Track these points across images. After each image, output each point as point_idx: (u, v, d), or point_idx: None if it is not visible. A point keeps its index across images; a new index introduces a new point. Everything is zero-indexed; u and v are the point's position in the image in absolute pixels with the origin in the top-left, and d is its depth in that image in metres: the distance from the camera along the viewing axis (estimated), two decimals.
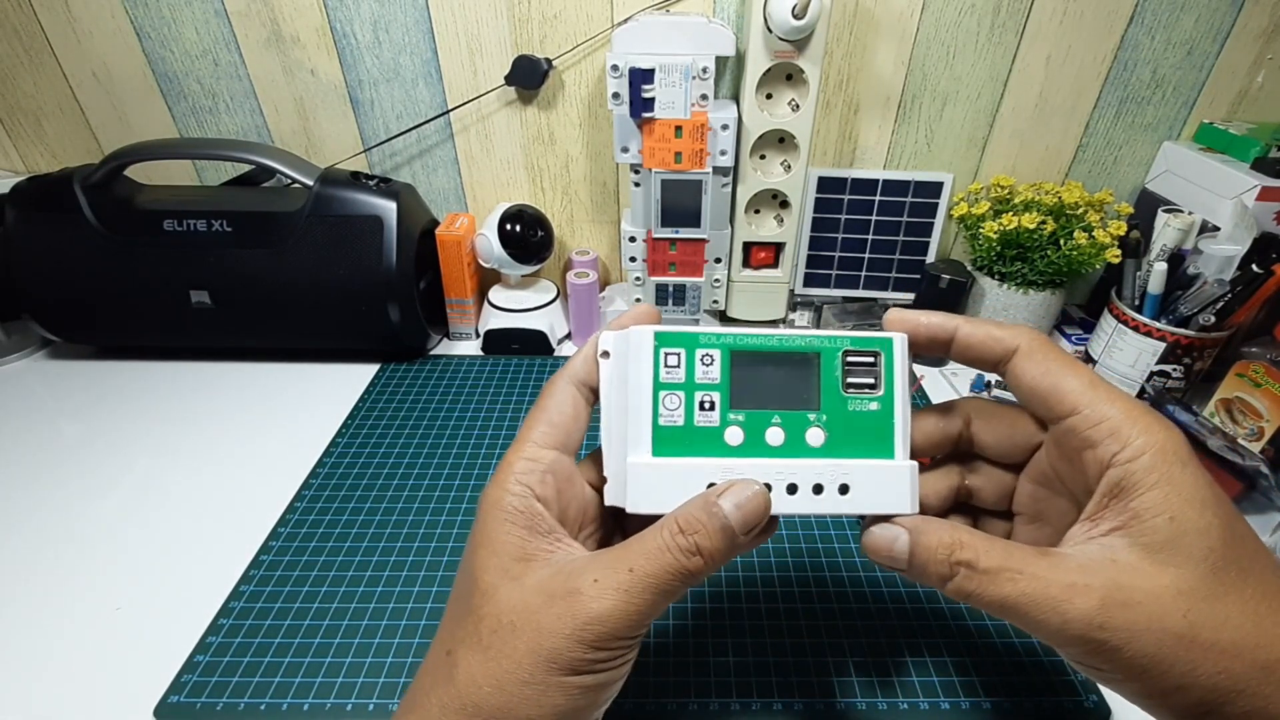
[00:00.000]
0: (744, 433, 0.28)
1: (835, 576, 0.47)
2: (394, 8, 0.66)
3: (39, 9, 0.68)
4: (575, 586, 0.24)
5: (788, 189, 0.67)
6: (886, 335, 0.29)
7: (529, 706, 0.23)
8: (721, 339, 0.29)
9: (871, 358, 0.29)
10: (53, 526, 0.51)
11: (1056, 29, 0.65)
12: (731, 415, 0.28)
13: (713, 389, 0.28)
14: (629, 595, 0.23)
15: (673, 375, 0.28)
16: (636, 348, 0.28)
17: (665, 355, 0.28)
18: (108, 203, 0.64)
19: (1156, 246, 0.62)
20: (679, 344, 0.28)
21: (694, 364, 0.28)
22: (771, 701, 0.39)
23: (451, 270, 0.71)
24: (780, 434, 0.28)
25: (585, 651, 0.23)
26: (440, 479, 0.56)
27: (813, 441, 0.28)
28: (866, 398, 0.29)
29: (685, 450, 0.28)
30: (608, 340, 0.29)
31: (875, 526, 0.27)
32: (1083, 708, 0.39)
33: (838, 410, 0.28)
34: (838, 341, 0.29)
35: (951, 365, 0.72)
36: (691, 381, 0.28)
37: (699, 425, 0.28)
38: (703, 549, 0.24)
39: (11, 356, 0.71)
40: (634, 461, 0.27)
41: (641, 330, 0.28)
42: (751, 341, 0.29)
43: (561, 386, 0.29)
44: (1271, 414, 0.54)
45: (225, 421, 0.62)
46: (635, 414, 0.28)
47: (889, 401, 0.28)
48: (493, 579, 0.25)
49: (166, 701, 0.39)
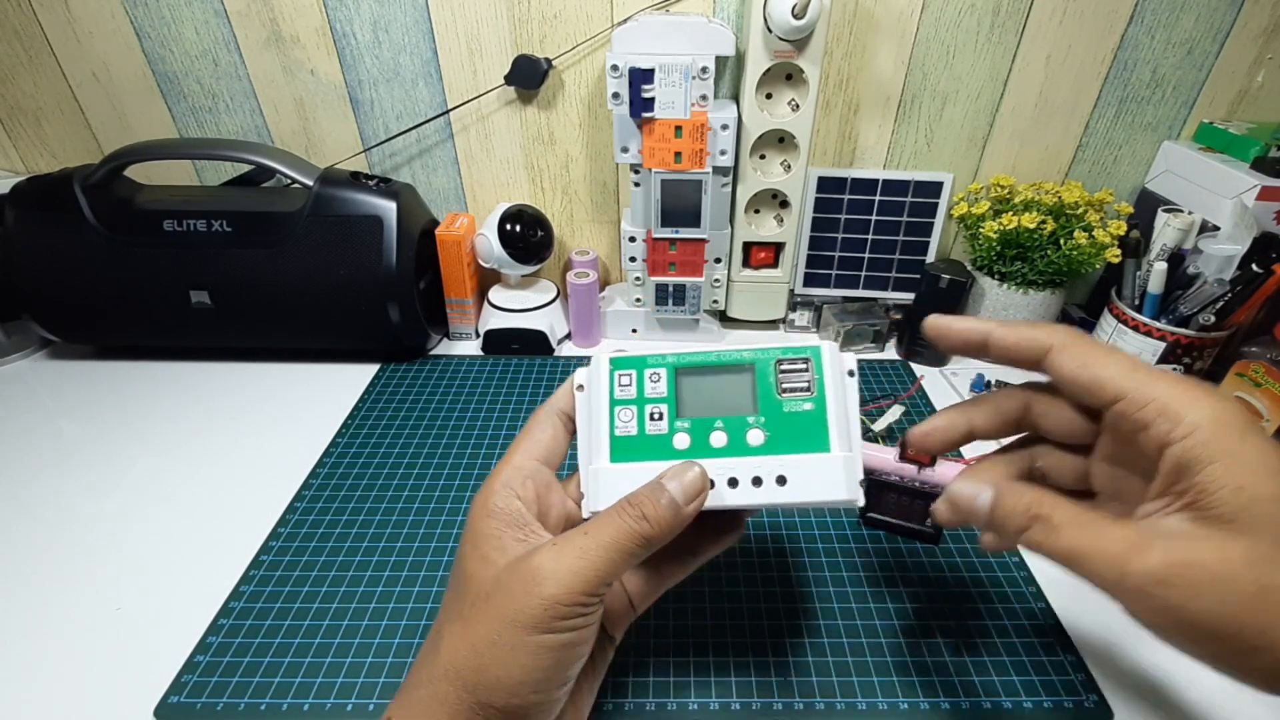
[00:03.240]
0: (690, 437, 0.32)
1: (835, 577, 0.47)
2: (394, 8, 0.66)
3: (39, 9, 0.68)
4: (537, 553, 0.27)
5: (788, 189, 0.67)
6: (815, 344, 0.33)
7: (499, 665, 0.26)
8: (666, 359, 0.33)
9: (803, 365, 0.33)
10: (53, 526, 0.51)
11: (1056, 29, 0.65)
12: (678, 423, 0.32)
13: (660, 402, 0.33)
14: (583, 554, 0.27)
15: (625, 393, 0.33)
16: (596, 373, 0.33)
17: (619, 376, 0.33)
18: (108, 203, 0.64)
19: (1156, 246, 0.62)
20: (630, 366, 0.33)
21: (644, 382, 0.33)
22: (772, 702, 0.39)
23: (451, 270, 0.71)
24: (723, 436, 0.32)
25: (548, 608, 0.26)
26: (440, 479, 0.56)
27: (753, 441, 0.32)
28: (800, 399, 0.32)
29: (639, 456, 0.32)
30: (582, 375, 0.34)
31: (958, 482, 0.28)
32: (1083, 708, 0.39)
33: (775, 413, 0.32)
34: (770, 353, 0.33)
35: (951, 365, 0.72)
36: (642, 397, 0.33)
37: (650, 434, 0.32)
38: (648, 515, 0.28)
39: (11, 356, 0.71)
40: (595, 467, 0.31)
41: (599, 358, 0.33)
42: (694, 359, 0.33)
43: (544, 414, 0.34)
44: (1271, 414, 0.54)
45: (225, 421, 0.62)
46: (596, 428, 0.32)
47: (821, 401, 0.32)
48: (475, 565, 0.28)
49: (166, 701, 0.39)
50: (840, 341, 0.73)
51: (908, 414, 0.64)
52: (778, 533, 0.50)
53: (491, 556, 0.28)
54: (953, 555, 0.49)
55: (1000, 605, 0.45)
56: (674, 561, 0.35)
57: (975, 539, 0.50)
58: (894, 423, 0.61)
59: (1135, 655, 0.43)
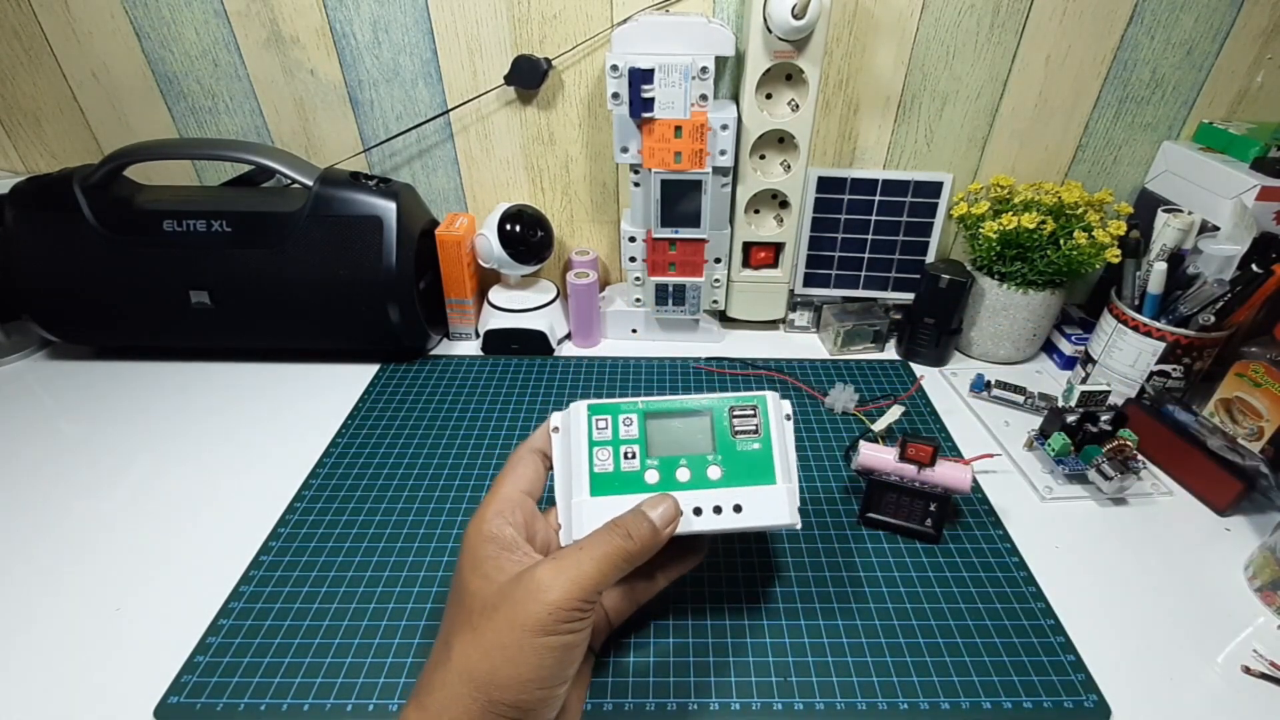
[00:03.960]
0: (659, 473, 0.37)
1: (835, 577, 0.47)
2: (394, 8, 0.66)
3: (39, 9, 0.68)
4: (537, 568, 0.31)
5: (787, 189, 0.67)
6: (761, 394, 0.39)
7: (509, 666, 0.30)
8: (637, 406, 0.39)
9: (752, 411, 0.38)
10: (53, 527, 0.51)
11: (1056, 29, 0.65)
12: (649, 461, 0.37)
13: (633, 443, 0.38)
14: (579, 566, 0.31)
15: (602, 435, 0.38)
16: (575, 418, 0.38)
17: (596, 420, 0.38)
18: (107, 203, 0.64)
19: (1156, 246, 0.62)
20: (605, 412, 0.38)
21: (618, 425, 0.38)
22: (772, 702, 0.39)
23: (451, 270, 0.71)
24: (687, 472, 0.37)
25: (551, 613, 0.30)
26: (440, 479, 0.56)
27: (712, 476, 0.37)
28: (750, 440, 0.38)
29: (615, 490, 0.37)
30: (557, 418, 0.39)
31: None
32: (1083, 708, 0.39)
33: (730, 451, 0.38)
34: (725, 401, 0.39)
35: (951, 365, 0.72)
36: (617, 439, 0.38)
37: (625, 471, 0.37)
38: (633, 534, 0.33)
39: (11, 356, 0.71)
40: (576, 500, 0.36)
41: (578, 405, 0.38)
42: (660, 406, 0.39)
43: (524, 452, 0.39)
44: (1271, 414, 0.54)
45: (225, 421, 0.62)
46: (576, 466, 0.37)
47: (767, 442, 0.38)
48: (478, 583, 0.32)
49: (166, 702, 0.39)
50: (840, 341, 0.73)
51: (908, 414, 0.64)
52: (778, 532, 0.50)
53: (492, 575, 0.32)
54: (953, 555, 0.49)
55: (1000, 605, 0.45)
56: (644, 580, 0.40)
57: (975, 539, 0.50)
58: (894, 423, 0.61)
59: (1135, 655, 0.43)
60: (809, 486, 0.55)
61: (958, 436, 0.62)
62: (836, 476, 0.56)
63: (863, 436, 0.58)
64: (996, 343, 0.72)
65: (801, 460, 0.58)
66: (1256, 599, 0.47)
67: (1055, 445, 0.55)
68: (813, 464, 0.58)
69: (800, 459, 0.58)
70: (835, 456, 0.58)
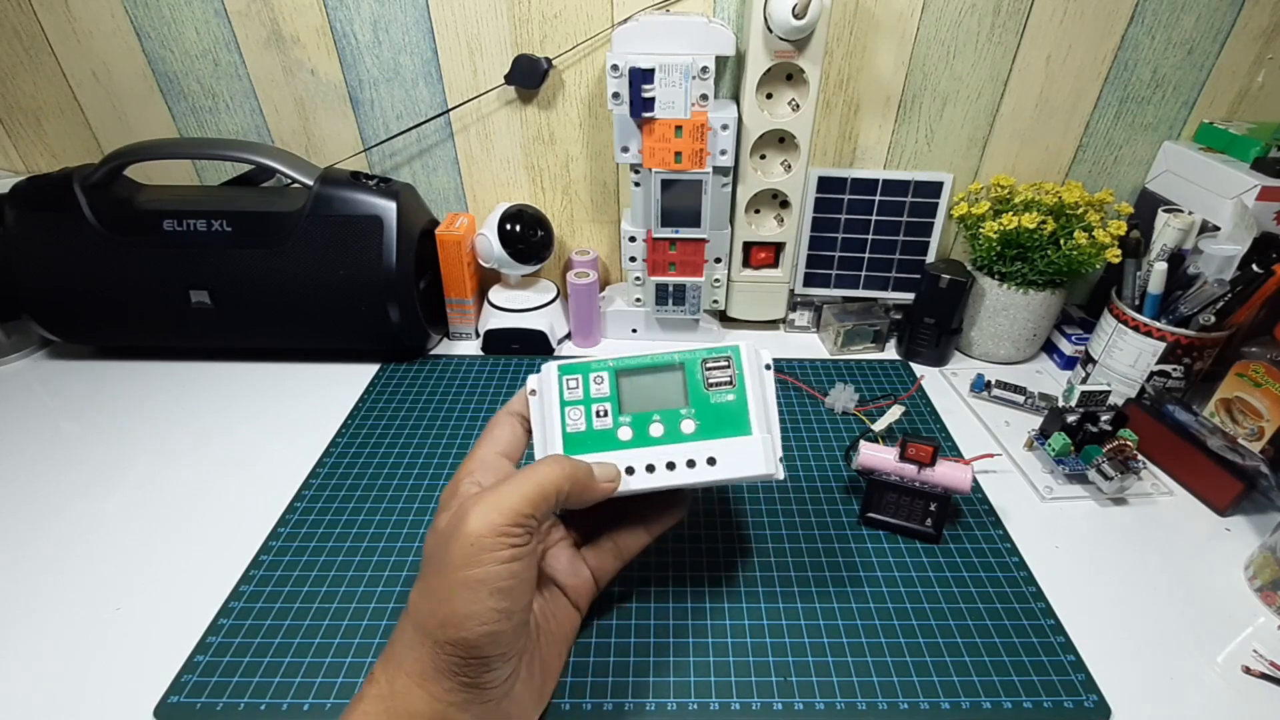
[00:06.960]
0: (632, 430, 0.37)
1: (836, 576, 0.47)
2: (394, 7, 0.66)
3: (39, 9, 0.68)
4: (465, 503, 0.32)
5: (788, 189, 0.67)
6: (734, 344, 0.38)
7: (444, 605, 0.30)
8: (607, 364, 0.38)
9: (725, 362, 0.38)
10: (53, 526, 0.51)
11: (1056, 29, 0.65)
12: (621, 418, 0.37)
13: (605, 401, 0.38)
14: (501, 497, 0.31)
15: (574, 394, 0.38)
16: (547, 380, 0.38)
17: (567, 380, 0.38)
18: (108, 203, 0.64)
19: (1156, 246, 0.62)
20: (576, 371, 0.38)
21: (589, 384, 0.38)
22: (772, 702, 0.39)
23: (451, 270, 0.71)
24: (661, 428, 0.37)
25: (472, 542, 0.30)
26: (440, 479, 0.56)
27: (686, 430, 0.37)
28: (724, 391, 0.37)
29: (588, 448, 0.37)
30: (534, 381, 0.39)
31: None
32: (1083, 708, 0.39)
33: (703, 404, 0.37)
34: (696, 354, 0.38)
35: (951, 365, 0.72)
36: (588, 397, 0.38)
37: (597, 429, 0.37)
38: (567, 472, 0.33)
39: (11, 356, 0.71)
40: None
41: (549, 366, 0.39)
42: (632, 363, 0.38)
43: (502, 416, 0.39)
44: (1271, 414, 0.54)
45: (225, 421, 0.62)
46: (549, 426, 0.37)
47: (742, 392, 0.37)
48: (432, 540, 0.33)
49: (166, 702, 0.39)
50: (840, 341, 0.73)
51: (908, 414, 0.64)
52: (778, 532, 0.50)
53: (440, 527, 0.33)
54: (953, 555, 0.49)
55: (1000, 605, 0.45)
56: (629, 535, 0.40)
57: (975, 539, 0.50)
58: (894, 423, 0.61)
59: (1135, 655, 0.43)
60: (809, 486, 0.55)
61: (958, 436, 0.62)
62: (837, 476, 0.56)
63: (863, 436, 0.58)
64: (997, 343, 0.72)
65: (802, 460, 0.58)
66: (1256, 599, 0.47)
67: (1055, 445, 0.55)
68: (813, 463, 0.58)
69: (801, 458, 0.58)
70: (835, 456, 0.58)
